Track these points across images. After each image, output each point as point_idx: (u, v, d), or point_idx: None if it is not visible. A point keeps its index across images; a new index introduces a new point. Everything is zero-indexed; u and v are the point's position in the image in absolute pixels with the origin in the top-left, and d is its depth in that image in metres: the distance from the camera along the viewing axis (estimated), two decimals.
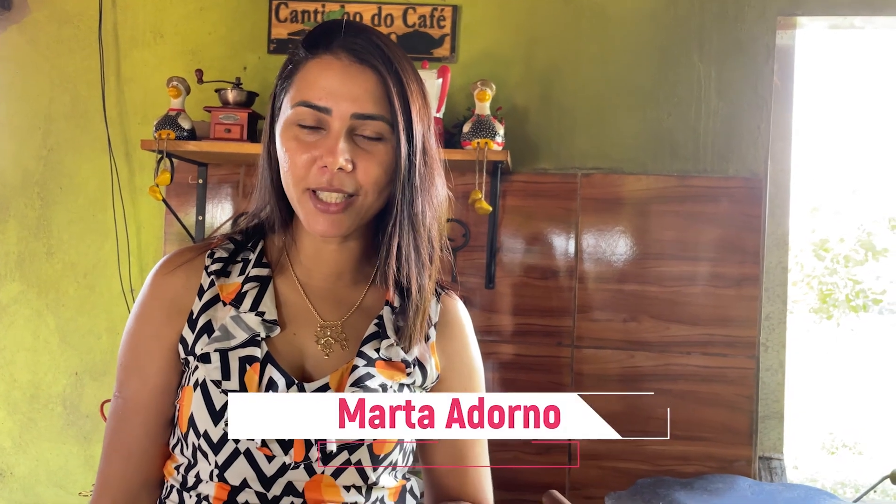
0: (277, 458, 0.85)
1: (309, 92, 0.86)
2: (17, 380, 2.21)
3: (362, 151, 0.86)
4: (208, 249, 0.95)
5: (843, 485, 4.67)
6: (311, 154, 0.85)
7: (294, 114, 0.87)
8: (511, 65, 2.07)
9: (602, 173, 2.03)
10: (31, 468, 2.21)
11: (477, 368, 1.02)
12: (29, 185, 2.22)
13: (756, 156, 1.99)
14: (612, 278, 2.02)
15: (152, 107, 2.15)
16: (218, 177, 2.13)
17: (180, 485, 0.88)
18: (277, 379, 0.86)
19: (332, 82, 0.85)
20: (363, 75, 0.86)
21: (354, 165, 0.85)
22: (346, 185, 0.85)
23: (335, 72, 0.86)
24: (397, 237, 0.89)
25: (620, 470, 2.00)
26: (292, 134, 0.87)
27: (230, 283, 0.93)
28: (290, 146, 0.87)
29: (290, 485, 0.85)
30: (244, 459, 0.84)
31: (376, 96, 0.85)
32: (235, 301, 0.91)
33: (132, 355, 0.92)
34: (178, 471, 0.89)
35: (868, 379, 6.91)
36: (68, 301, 2.20)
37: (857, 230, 7.51)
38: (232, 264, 0.94)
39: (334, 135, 0.85)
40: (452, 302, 1.02)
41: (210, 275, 0.92)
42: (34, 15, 2.22)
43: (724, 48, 2.00)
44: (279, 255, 0.96)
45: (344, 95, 0.85)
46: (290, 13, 2.12)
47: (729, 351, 1.97)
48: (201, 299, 0.91)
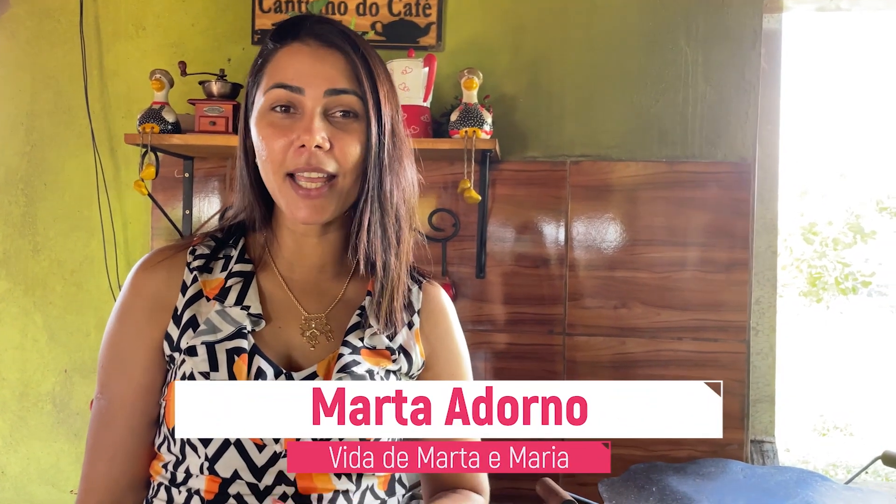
0: (268, 447, 0.85)
1: (280, 75, 0.88)
2: (6, 378, 2.20)
3: (338, 131, 0.87)
4: (189, 247, 0.95)
5: (834, 466, 4.71)
6: (287, 138, 0.86)
7: (267, 99, 0.88)
8: (498, 53, 2.05)
9: (591, 160, 2.02)
10: (22, 467, 2.19)
11: (463, 355, 1.03)
12: (13, 182, 2.19)
13: (744, 140, 1.99)
14: (602, 265, 2.02)
15: (136, 100, 2.13)
16: (204, 170, 2.11)
17: (169, 481, 0.88)
18: (266, 368, 0.87)
19: (302, 65, 0.87)
20: (332, 56, 0.88)
21: (332, 144, 0.86)
22: (325, 163, 0.86)
23: (305, 55, 0.88)
24: (368, 213, 0.90)
25: (613, 456, 1.98)
26: (267, 121, 0.88)
27: (213, 279, 0.93)
28: (266, 133, 0.87)
29: (282, 474, 0.85)
30: (234, 450, 0.84)
31: (346, 74, 0.88)
32: (219, 296, 0.91)
33: (115, 355, 0.91)
34: (167, 468, 0.89)
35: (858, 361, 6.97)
36: (56, 298, 2.18)
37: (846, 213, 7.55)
38: (214, 261, 0.94)
39: (309, 114, 0.86)
40: (435, 290, 1.03)
41: (192, 271, 0.92)
42: (14, 10, 2.19)
43: (710, 33, 1.99)
44: (261, 251, 0.97)
45: (315, 74, 0.87)
46: (273, 3, 2.10)
47: (720, 335, 1.98)
48: (185, 295, 0.91)
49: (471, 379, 1.03)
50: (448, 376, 1.00)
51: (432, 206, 2.05)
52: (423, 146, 1.82)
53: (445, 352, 1.01)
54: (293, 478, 0.85)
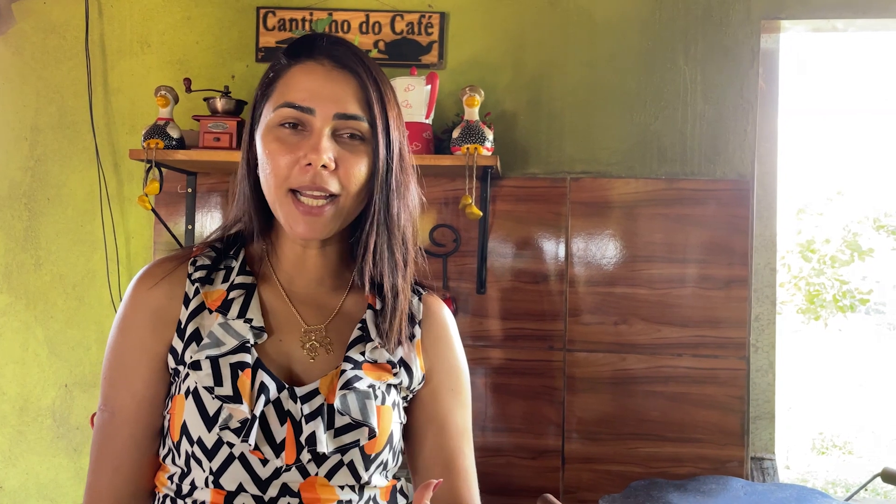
0: (271, 462, 0.85)
1: (292, 94, 0.88)
2: (6, 392, 2.20)
3: (345, 152, 0.88)
4: (190, 258, 0.96)
5: (833, 484, 4.69)
6: (294, 155, 0.87)
7: (276, 115, 0.89)
8: (499, 70, 2.08)
9: (591, 177, 2.04)
10: (20, 482, 2.19)
11: (463, 370, 1.03)
12: (16, 196, 2.20)
13: (743, 158, 2.00)
14: (602, 281, 2.03)
15: (140, 116, 2.14)
16: (207, 185, 2.13)
17: (174, 493, 0.89)
18: (269, 384, 0.87)
19: (314, 84, 0.88)
20: (344, 79, 0.89)
21: (337, 165, 0.87)
22: (328, 184, 0.87)
23: (318, 75, 0.89)
24: (374, 236, 0.91)
25: (613, 473, 2.00)
26: (274, 136, 0.88)
27: (214, 291, 0.93)
28: (273, 148, 0.88)
29: (286, 486, 0.86)
30: (238, 464, 0.85)
31: (357, 98, 0.89)
32: (222, 308, 0.91)
33: (118, 368, 0.92)
34: (172, 480, 0.89)
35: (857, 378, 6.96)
36: (57, 313, 2.19)
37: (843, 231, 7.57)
38: (215, 272, 0.95)
39: (317, 133, 0.87)
40: (435, 301, 1.03)
41: (194, 283, 0.93)
42: (20, 25, 2.21)
43: (709, 52, 2.02)
44: (260, 263, 0.97)
45: (327, 96, 0.87)
46: (277, 21, 2.12)
47: (719, 352, 1.99)
48: (188, 308, 0.92)
49: (468, 395, 1.03)
50: (446, 391, 0.99)
51: (433, 221, 2.06)
52: (425, 162, 1.83)
53: (447, 366, 1.01)
54: (297, 490, 0.86)
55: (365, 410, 0.87)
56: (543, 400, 2.03)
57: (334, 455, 0.87)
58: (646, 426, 2.00)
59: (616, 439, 2.01)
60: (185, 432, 0.86)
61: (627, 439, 2.00)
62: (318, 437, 0.85)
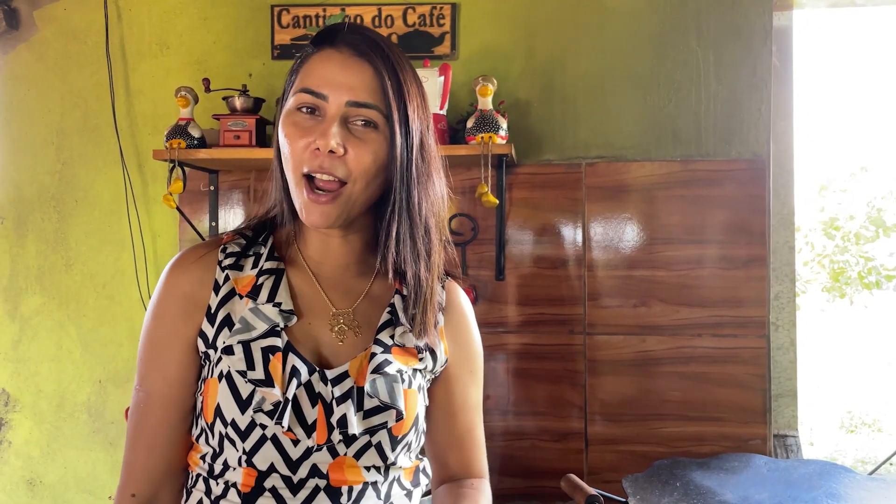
0: (302, 442, 0.89)
1: (309, 80, 0.91)
2: (43, 390, 2.27)
3: (355, 139, 0.90)
4: (220, 245, 0.99)
5: (863, 462, 4.66)
6: (307, 139, 0.90)
7: (294, 100, 0.92)
8: (511, 59, 2.09)
9: (606, 161, 2.05)
10: (59, 476, 2.26)
11: (479, 352, 1.07)
12: (45, 199, 2.26)
13: (758, 137, 2.00)
14: (620, 265, 2.05)
15: (162, 117, 2.19)
16: (229, 182, 2.17)
17: (207, 473, 0.92)
18: (300, 367, 0.90)
19: (330, 71, 0.90)
20: (360, 67, 0.90)
21: (346, 150, 0.89)
22: (336, 169, 0.89)
23: (335, 62, 0.91)
24: (396, 223, 0.93)
25: (637, 453, 2.03)
26: (292, 120, 0.91)
27: (244, 276, 0.96)
28: (290, 131, 0.91)
29: (315, 467, 0.89)
30: (271, 445, 0.88)
31: (372, 88, 0.90)
32: (252, 293, 0.94)
33: (151, 351, 0.95)
34: (204, 460, 0.93)
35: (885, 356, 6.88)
36: (89, 311, 2.25)
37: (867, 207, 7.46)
38: (244, 258, 0.98)
39: (329, 120, 0.89)
40: (455, 288, 1.06)
41: (224, 269, 0.96)
42: (42, 33, 2.26)
43: (721, 32, 2.02)
44: (288, 248, 1.00)
45: (341, 84, 0.90)
46: (291, 19, 2.15)
47: (740, 331, 2.00)
48: (217, 294, 0.95)
49: (482, 373, 1.07)
50: (466, 373, 1.04)
51: (451, 211, 2.09)
52: (441, 153, 1.86)
53: (466, 351, 1.04)
54: (325, 471, 0.89)
55: (393, 394, 0.90)
56: (565, 383, 2.06)
57: (363, 436, 0.90)
58: (667, 406, 2.02)
59: (638, 420, 2.03)
60: (219, 414, 0.89)
61: (650, 420, 2.02)
62: (350, 419, 0.88)
